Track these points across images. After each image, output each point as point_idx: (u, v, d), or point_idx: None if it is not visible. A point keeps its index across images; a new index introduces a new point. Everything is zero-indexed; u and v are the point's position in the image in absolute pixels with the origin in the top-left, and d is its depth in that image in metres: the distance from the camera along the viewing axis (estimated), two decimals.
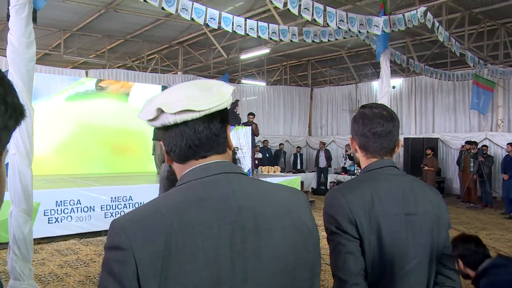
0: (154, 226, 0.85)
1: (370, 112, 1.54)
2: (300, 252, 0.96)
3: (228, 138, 1.01)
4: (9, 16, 3.83)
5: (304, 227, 0.99)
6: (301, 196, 1.06)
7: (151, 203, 0.94)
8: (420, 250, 1.46)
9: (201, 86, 0.97)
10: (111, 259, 0.85)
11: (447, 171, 14.26)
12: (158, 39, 13.43)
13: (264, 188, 1.00)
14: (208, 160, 0.97)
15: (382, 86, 7.54)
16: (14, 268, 3.86)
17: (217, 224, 0.88)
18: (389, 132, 1.51)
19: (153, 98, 0.99)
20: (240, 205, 0.92)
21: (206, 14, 6.44)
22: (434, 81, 14.05)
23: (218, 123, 0.97)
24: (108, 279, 0.84)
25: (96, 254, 6.16)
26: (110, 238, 0.87)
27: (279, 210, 0.97)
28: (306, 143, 18.00)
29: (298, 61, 16.89)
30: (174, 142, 0.96)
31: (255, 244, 0.91)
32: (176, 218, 0.86)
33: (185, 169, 0.98)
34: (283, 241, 0.94)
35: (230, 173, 0.97)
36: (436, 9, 9.17)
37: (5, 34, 4.11)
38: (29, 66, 3.94)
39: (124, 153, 12.09)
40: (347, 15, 6.93)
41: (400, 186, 1.48)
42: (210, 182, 0.94)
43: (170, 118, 0.93)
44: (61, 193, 7.16)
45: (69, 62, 14.87)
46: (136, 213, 0.91)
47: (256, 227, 0.92)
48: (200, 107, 0.92)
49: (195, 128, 0.95)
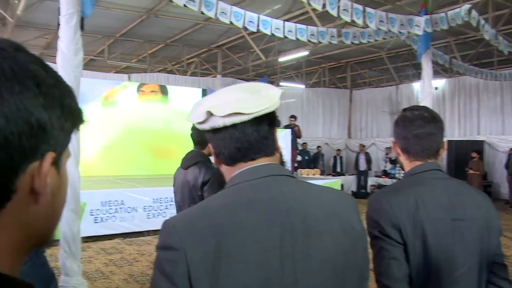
0: (205, 227, 0.87)
1: (411, 114, 1.52)
2: (349, 255, 0.95)
3: (276, 140, 1.01)
4: (59, 25, 4.02)
5: (353, 230, 0.98)
6: (350, 199, 1.05)
7: (202, 204, 0.97)
8: (469, 257, 1.40)
9: (249, 89, 0.98)
10: (164, 258, 0.86)
11: (494, 175, 13.71)
12: (197, 43, 13.64)
13: (312, 190, 1.00)
14: (256, 162, 0.98)
15: (424, 88, 7.37)
16: (64, 264, 4.04)
17: (266, 226, 0.89)
18: (431, 133, 1.48)
19: (202, 101, 1.01)
20: (289, 207, 0.92)
21: (245, 18, 6.49)
22: (479, 82, 13.54)
23: (266, 126, 0.97)
24: (161, 279, 0.85)
25: (139, 254, 6.33)
26: (162, 238, 0.89)
27: (328, 212, 0.96)
28: (346, 145, 17.76)
29: (337, 63, 16.71)
30: (223, 145, 0.97)
31: (305, 246, 0.90)
32: (226, 220, 0.88)
33: (234, 171, 0.99)
34: (332, 244, 0.93)
35: (279, 175, 0.97)
36: (481, 6, 8.85)
37: (55, 42, 4.31)
38: (77, 72, 4.12)
39: (166, 155, 12.34)
40: (387, 16, 6.81)
41: (446, 190, 1.44)
42: (259, 184, 0.94)
43: (219, 121, 0.93)
44: (106, 193, 7.41)
45: (112, 67, 15.36)
46: (188, 214, 0.93)
47: (305, 229, 0.91)
48: (249, 110, 0.92)
49: (244, 131, 0.95)
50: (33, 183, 0.49)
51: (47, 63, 0.53)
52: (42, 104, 0.49)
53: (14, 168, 0.47)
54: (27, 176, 0.49)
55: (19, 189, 0.48)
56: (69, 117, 0.53)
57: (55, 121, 0.50)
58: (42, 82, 0.50)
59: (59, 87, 0.52)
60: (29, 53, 0.51)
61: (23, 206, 0.49)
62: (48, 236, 0.56)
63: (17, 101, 0.47)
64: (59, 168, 0.54)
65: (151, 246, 6.79)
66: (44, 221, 0.53)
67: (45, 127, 0.49)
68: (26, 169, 0.48)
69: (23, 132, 0.47)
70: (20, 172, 0.48)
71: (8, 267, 0.49)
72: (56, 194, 0.54)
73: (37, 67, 0.50)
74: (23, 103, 0.47)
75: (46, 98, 0.49)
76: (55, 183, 0.53)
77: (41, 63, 0.51)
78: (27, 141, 0.47)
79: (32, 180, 0.49)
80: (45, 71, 0.51)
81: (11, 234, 0.49)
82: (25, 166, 0.48)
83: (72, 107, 0.54)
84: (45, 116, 0.49)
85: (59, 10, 4.05)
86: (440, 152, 1.52)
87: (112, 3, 9.76)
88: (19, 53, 0.50)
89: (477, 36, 10.33)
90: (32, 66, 0.50)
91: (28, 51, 0.52)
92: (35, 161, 0.49)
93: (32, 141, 0.48)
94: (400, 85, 16.41)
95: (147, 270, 5.52)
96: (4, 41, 0.50)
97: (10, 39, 0.52)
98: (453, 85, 14.83)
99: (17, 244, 0.51)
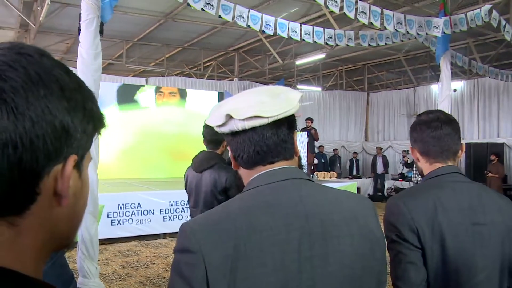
0: (224, 230, 0.87)
1: (427, 117, 1.52)
2: (368, 260, 0.95)
3: (295, 144, 1.01)
4: (80, 30, 4.10)
5: (371, 234, 0.97)
6: (368, 203, 1.04)
7: (221, 207, 0.96)
8: (489, 262, 1.37)
9: (269, 93, 0.98)
10: (181, 261, 0.86)
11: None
12: (214, 46, 13.71)
13: (331, 194, 0.99)
14: (275, 165, 0.97)
15: (443, 90, 7.27)
16: (82, 266, 4.09)
17: (285, 229, 0.88)
18: (448, 134, 1.47)
19: (221, 104, 1.01)
20: (308, 211, 0.92)
21: (262, 21, 6.50)
22: (499, 83, 13.30)
23: (285, 129, 0.97)
24: (178, 282, 0.85)
25: (155, 256, 6.37)
26: (179, 241, 0.89)
27: (346, 216, 0.95)
28: (363, 148, 17.61)
29: (354, 66, 16.60)
30: (242, 148, 0.97)
31: (323, 250, 0.90)
32: (245, 223, 0.87)
33: (252, 175, 0.99)
34: (350, 248, 0.93)
35: (297, 179, 0.96)
36: (503, 6, 8.69)
37: (75, 47, 4.40)
38: (96, 76, 4.18)
39: (182, 158, 12.41)
40: (405, 17, 6.75)
41: (466, 194, 1.41)
42: (278, 188, 0.94)
43: (238, 124, 0.93)
44: (123, 196, 7.47)
45: (130, 70, 15.52)
46: (206, 217, 0.93)
47: (323, 233, 0.91)
48: (269, 113, 0.92)
49: (263, 134, 0.95)
50: (56, 185, 0.50)
51: (69, 68, 0.54)
52: (66, 108, 0.50)
53: (39, 170, 0.48)
54: (51, 179, 0.50)
55: (43, 191, 0.49)
56: (91, 121, 0.54)
57: (78, 125, 0.51)
58: (66, 86, 0.51)
59: (82, 91, 0.54)
60: (53, 58, 0.53)
61: (46, 208, 0.50)
62: (69, 238, 0.57)
63: (42, 104, 0.48)
64: (81, 172, 0.55)
65: (167, 248, 6.83)
66: (66, 223, 0.54)
67: (69, 130, 0.50)
68: (50, 171, 0.49)
69: (47, 135, 0.48)
70: (44, 175, 0.49)
71: (33, 269, 0.50)
72: (78, 196, 0.55)
73: (61, 72, 0.51)
74: (48, 106, 0.48)
75: (70, 102, 0.51)
76: (77, 185, 0.54)
77: (64, 68, 0.53)
78: (52, 144, 0.48)
79: (56, 182, 0.50)
80: (68, 76, 0.52)
81: (35, 236, 0.50)
82: (49, 168, 0.49)
83: (94, 111, 0.55)
84: (68, 120, 0.50)
85: (80, 16, 4.13)
86: (458, 154, 1.51)
87: (131, 8, 9.88)
88: (44, 59, 0.51)
89: (498, 37, 10.16)
90: (56, 71, 0.51)
91: (52, 57, 0.53)
92: (59, 164, 0.50)
93: (56, 144, 0.49)
94: (417, 88, 16.22)
95: (163, 272, 5.55)
96: (30, 47, 0.51)
97: (35, 45, 0.53)
98: (472, 86, 14.60)
99: (41, 246, 0.52)
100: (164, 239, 7.57)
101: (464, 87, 14.76)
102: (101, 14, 4.18)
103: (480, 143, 13.39)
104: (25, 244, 0.50)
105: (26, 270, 0.48)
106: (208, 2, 5.58)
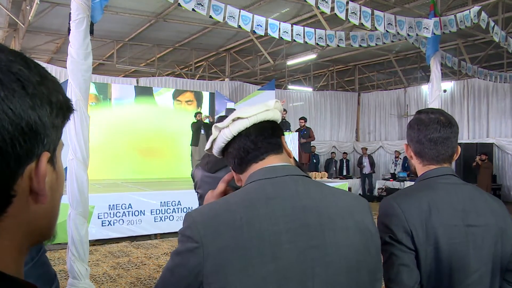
0: (224, 221, 0.91)
1: (426, 117, 1.47)
2: (363, 255, 0.98)
3: (284, 146, 1.09)
4: (70, 30, 4.05)
5: (367, 230, 1.00)
6: (364, 201, 1.08)
7: (223, 199, 1.02)
8: (482, 264, 1.37)
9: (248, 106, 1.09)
10: (182, 247, 0.92)
11: (503, 178, 13.59)
12: (205, 46, 13.69)
13: (327, 190, 1.04)
14: (268, 161, 1.04)
15: (433, 90, 7.31)
16: (72, 267, 4.05)
17: (283, 220, 0.93)
18: (446, 138, 1.44)
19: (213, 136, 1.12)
20: (305, 204, 0.96)
21: (253, 21, 6.49)
22: (488, 84, 13.46)
23: (269, 131, 1.06)
24: (176, 266, 0.91)
25: (146, 257, 6.33)
26: (183, 228, 0.94)
27: (342, 211, 1.00)
28: (354, 148, 17.71)
29: (345, 66, 16.68)
30: (234, 155, 1.06)
31: (320, 242, 0.94)
32: (244, 214, 0.92)
33: (249, 174, 1.05)
34: (347, 241, 0.96)
35: (296, 175, 1.02)
36: (492, 8, 8.79)
37: (65, 47, 4.35)
38: (86, 76, 4.14)
39: (173, 159, 12.40)
40: (395, 18, 6.78)
41: (459, 195, 1.41)
42: (278, 182, 0.99)
43: (226, 132, 1.04)
44: (113, 197, 7.41)
45: (121, 71, 15.44)
46: (208, 208, 0.98)
47: (321, 226, 0.95)
48: (247, 114, 1.03)
49: (248, 137, 1.04)
50: (31, 184, 0.49)
51: (28, 57, 0.51)
52: (30, 106, 0.47)
53: (11, 173, 0.47)
54: (25, 178, 0.48)
55: (19, 192, 0.48)
56: (59, 113, 0.52)
57: (46, 121, 0.49)
58: (28, 82, 0.48)
59: (45, 83, 0.50)
60: (9, 50, 0.49)
61: (23, 207, 0.49)
62: (50, 229, 0.55)
63: (4, 107, 0.45)
64: (55, 164, 0.53)
65: (158, 249, 6.80)
66: (45, 217, 0.53)
67: (37, 128, 0.48)
68: (23, 172, 0.48)
69: (15, 139, 0.46)
70: (17, 177, 0.47)
71: (14, 268, 0.49)
72: (55, 188, 0.53)
73: (20, 67, 0.48)
74: (11, 108, 0.46)
75: (34, 99, 0.48)
76: (52, 179, 0.53)
77: (23, 60, 0.49)
78: (21, 147, 0.46)
79: (31, 181, 0.49)
80: (28, 70, 0.49)
81: (13, 236, 0.49)
82: (22, 170, 0.48)
83: (61, 102, 0.52)
84: (35, 118, 0.48)
85: (69, 16, 4.08)
86: (454, 157, 1.49)
87: (121, 8, 9.82)
88: (1, 55, 0.48)
89: (487, 38, 10.27)
90: (15, 66, 0.48)
91: (8, 48, 0.49)
92: (31, 163, 0.48)
93: (26, 145, 0.47)
94: (408, 88, 16.34)
95: (154, 273, 5.52)
96: None
97: None
98: (462, 87, 14.75)
99: (21, 245, 0.51)
100: (155, 239, 7.53)
101: (454, 88, 14.89)
102: (91, 14, 4.14)
103: (470, 143, 13.53)
104: (5, 245, 0.48)
105: (8, 270, 0.47)
106: (199, 2, 5.56)
